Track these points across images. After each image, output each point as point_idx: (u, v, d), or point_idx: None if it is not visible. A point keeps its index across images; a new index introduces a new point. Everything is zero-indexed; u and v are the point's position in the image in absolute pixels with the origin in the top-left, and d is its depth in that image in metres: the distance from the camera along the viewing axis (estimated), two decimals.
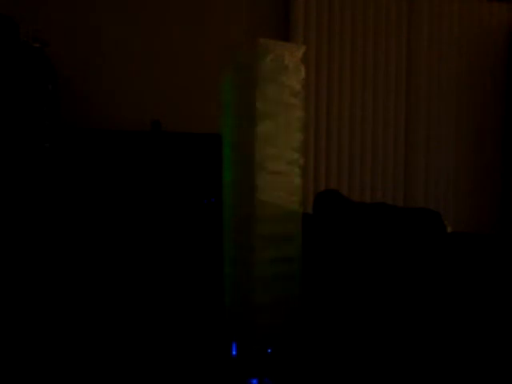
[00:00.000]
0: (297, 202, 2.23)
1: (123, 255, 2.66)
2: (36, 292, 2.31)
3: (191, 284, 2.73)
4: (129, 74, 3.14)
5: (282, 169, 2.16)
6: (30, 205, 2.32)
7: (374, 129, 3.79)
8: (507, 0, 4.15)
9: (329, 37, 3.58)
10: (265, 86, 2.09)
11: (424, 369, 1.86)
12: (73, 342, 2.34)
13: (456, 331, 1.84)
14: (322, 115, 3.60)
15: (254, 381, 2.09)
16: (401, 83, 3.86)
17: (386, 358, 1.97)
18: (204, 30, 3.30)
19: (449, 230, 2.01)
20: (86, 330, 2.43)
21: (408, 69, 3.87)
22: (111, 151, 2.73)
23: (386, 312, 2.01)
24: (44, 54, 2.41)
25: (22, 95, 2.30)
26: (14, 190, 2.27)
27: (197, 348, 2.37)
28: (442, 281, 1.89)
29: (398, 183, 3.90)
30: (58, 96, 2.52)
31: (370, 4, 3.70)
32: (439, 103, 4.01)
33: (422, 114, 3.94)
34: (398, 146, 3.89)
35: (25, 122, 2.30)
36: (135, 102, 3.14)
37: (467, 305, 1.84)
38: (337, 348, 2.17)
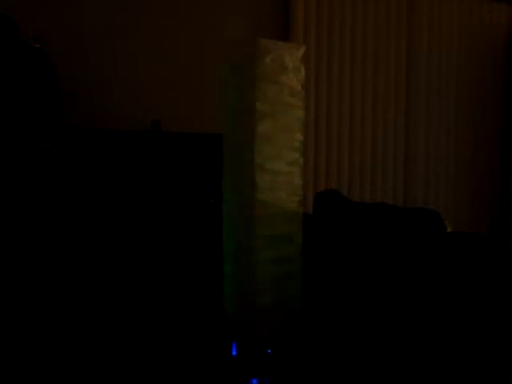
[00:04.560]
0: (297, 202, 2.22)
1: (123, 255, 2.66)
2: (36, 291, 2.31)
3: (191, 284, 2.73)
4: (129, 74, 3.14)
5: (282, 169, 2.16)
6: (31, 204, 2.32)
7: (373, 129, 3.79)
8: (507, 0, 4.16)
9: (329, 37, 3.59)
10: (265, 86, 2.09)
11: (424, 369, 1.87)
12: (73, 343, 2.33)
13: (456, 331, 1.84)
14: (321, 115, 3.60)
15: (254, 381, 2.09)
16: (401, 83, 3.86)
17: (387, 358, 1.97)
18: (204, 30, 3.30)
19: (449, 229, 2.01)
20: (86, 330, 2.43)
21: (408, 69, 3.88)
22: (111, 151, 2.73)
23: (386, 312, 2.01)
24: (44, 54, 2.41)
25: (22, 95, 2.30)
26: (15, 190, 2.27)
27: (197, 348, 2.37)
28: (442, 281, 1.89)
29: (397, 183, 3.90)
30: (58, 96, 2.52)
31: (369, 4, 3.70)
32: (439, 103, 4.01)
33: (421, 114, 3.95)
34: (398, 146, 3.89)
35: (25, 121, 2.30)
36: (135, 101, 3.14)
37: (467, 305, 1.83)
38: (337, 348, 2.17)
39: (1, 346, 2.14)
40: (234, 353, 2.23)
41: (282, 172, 2.16)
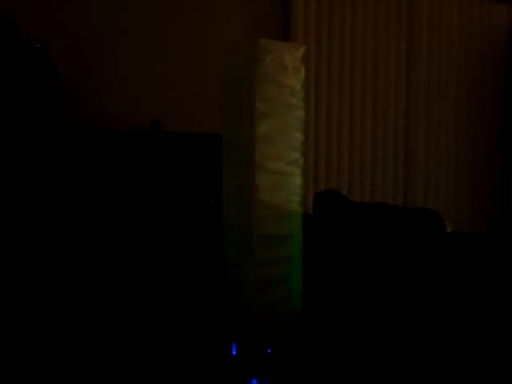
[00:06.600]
0: (297, 202, 2.22)
1: (124, 255, 2.66)
2: (36, 292, 2.31)
3: (191, 284, 2.73)
4: (129, 74, 3.14)
5: (282, 169, 2.16)
6: (31, 204, 2.32)
7: (373, 129, 3.79)
8: (507, 0, 4.16)
9: (329, 37, 3.59)
10: (265, 86, 2.09)
11: (424, 369, 1.87)
12: (74, 342, 2.34)
13: (456, 331, 1.84)
14: (321, 115, 3.60)
15: (254, 381, 2.09)
16: (401, 84, 3.86)
17: (387, 358, 1.97)
18: (204, 30, 3.30)
19: (449, 229, 2.01)
20: (87, 330, 2.43)
21: (408, 69, 3.88)
22: (111, 151, 2.73)
23: (386, 312, 2.01)
24: (44, 54, 2.41)
25: (22, 95, 2.30)
26: (15, 190, 2.27)
27: (197, 348, 2.37)
28: (442, 281, 1.89)
29: (397, 183, 3.90)
30: (58, 96, 2.52)
31: (369, 4, 3.70)
32: (439, 103, 4.01)
33: (421, 114, 3.95)
34: (398, 146, 3.89)
35: (25, 122, 2.30)
36: (135, 101, 3.14)
37: (467, 305, 1.84)
38: (337, 348, 2.17)
39: (1, 346, 2.14)
40: (234, 353, 2.23)
41: (281, 172, 2.16)
